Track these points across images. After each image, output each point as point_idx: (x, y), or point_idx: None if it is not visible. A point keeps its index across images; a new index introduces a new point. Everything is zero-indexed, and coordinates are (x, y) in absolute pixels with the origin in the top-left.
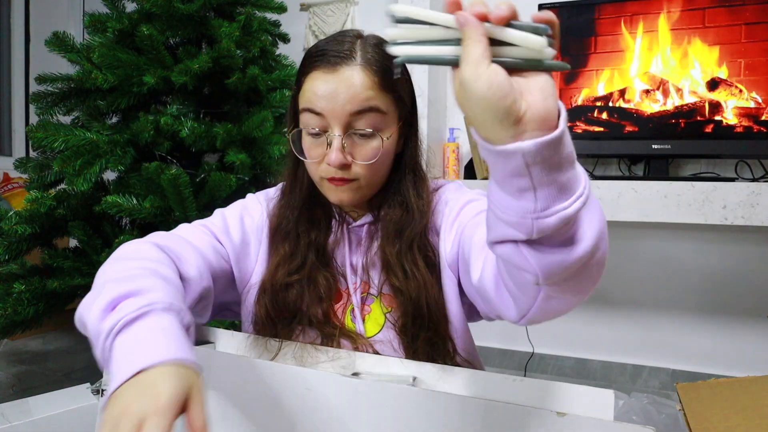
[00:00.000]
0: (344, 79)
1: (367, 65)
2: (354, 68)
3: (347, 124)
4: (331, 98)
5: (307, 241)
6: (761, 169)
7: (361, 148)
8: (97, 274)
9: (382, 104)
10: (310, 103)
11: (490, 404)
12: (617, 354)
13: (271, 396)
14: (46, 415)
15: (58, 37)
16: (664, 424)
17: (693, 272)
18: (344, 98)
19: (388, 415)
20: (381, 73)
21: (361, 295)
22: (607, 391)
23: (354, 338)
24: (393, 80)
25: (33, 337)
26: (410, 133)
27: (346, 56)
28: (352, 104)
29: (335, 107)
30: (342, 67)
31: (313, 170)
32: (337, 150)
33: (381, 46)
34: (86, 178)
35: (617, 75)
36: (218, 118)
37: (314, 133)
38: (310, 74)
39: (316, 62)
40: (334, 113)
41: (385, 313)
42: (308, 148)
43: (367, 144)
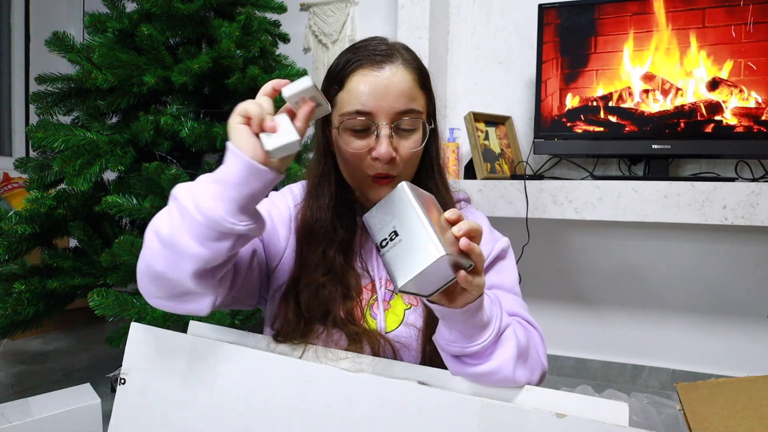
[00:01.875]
0: (391, 75)
1: (407, 64)
2: (397, 67)
3: (394, 117)
4: (381, 95)
5: (338, 242)
6: (761, 169)
7: (405, 141)
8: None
9: (420, 102)
10: (359, 103)
11: (487, 403)
12: (617, 354)
13: (271, 388)
14: (46, 415)
15: (58, 37)
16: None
17: (693, 272)
18: (392, 95)
19: (383, 409)
20: (418, 72)
21: (386, 290)
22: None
23: (375, 337)
24: (427, 79)
25: (33, 337)
26: (434, 132)
27: (390, 54)
28: (399, 101)
29: (384, 103)
30: (387, 64)
31: (356, 167)
32: (386, 139)
33: (409, 49)
34: (86, 178)
35: (617, 75)
36: (218, 118)
37: (358, 130)
38: (355, 72)
39: (360, 60)
40: (383, 109)
41: (405, 309)
42: (351, 144)
43: (410, 137)
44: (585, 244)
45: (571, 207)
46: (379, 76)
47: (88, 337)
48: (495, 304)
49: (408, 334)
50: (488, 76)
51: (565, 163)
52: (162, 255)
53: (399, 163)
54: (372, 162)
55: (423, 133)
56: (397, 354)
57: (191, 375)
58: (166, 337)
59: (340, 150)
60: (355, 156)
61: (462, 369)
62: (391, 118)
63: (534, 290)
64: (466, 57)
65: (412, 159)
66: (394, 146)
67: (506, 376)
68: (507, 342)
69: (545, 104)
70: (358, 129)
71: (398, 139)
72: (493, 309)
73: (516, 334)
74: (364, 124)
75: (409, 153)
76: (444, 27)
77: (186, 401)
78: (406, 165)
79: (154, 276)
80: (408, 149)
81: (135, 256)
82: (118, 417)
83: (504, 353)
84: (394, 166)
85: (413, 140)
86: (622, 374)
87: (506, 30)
